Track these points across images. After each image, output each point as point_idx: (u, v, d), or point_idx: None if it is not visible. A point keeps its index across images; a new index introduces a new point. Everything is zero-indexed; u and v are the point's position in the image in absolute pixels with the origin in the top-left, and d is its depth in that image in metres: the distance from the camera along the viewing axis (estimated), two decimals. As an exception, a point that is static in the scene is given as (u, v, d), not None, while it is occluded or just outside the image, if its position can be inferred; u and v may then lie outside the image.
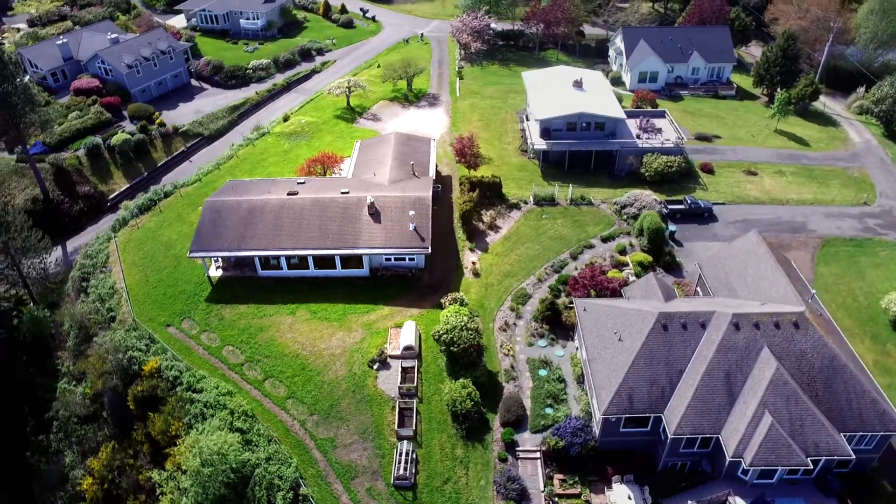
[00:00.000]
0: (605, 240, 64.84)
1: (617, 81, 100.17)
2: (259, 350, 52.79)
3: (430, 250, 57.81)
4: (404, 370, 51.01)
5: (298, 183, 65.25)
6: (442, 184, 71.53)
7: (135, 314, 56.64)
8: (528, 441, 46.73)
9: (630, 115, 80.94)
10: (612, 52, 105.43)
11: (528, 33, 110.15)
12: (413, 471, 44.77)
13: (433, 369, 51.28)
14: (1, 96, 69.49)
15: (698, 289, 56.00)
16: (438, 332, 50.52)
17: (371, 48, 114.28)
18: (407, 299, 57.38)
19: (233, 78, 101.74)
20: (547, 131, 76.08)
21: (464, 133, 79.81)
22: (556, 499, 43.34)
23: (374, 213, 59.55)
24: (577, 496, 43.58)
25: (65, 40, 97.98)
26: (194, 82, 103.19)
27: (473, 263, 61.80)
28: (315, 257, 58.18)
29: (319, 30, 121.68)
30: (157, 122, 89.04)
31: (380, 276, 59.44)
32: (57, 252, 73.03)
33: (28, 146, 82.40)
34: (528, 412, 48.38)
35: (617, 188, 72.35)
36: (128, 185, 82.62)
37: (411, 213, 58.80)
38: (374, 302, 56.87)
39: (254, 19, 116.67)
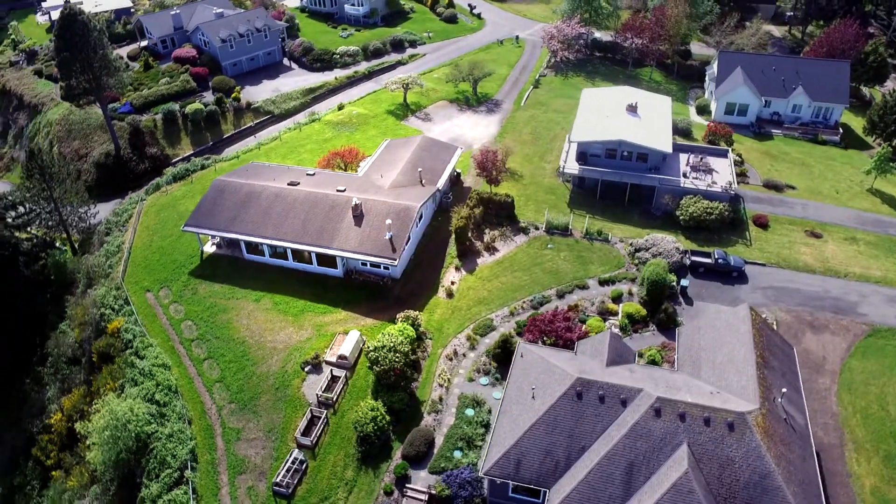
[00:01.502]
0: (603, 282, 59.63)
1: (703, 110, 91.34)
2: (212, 330, 54.69)
3: (397, 262, 56.46)
4: (332, 379, 50.49)
5: (308, 174, 66.35)
6: (461, 195, 69.39)
7: (125, 275, 60.95)
8: (422, 480, 44.48)
9: (684, 149, 73.54)
10: (707, 77, 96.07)
11: (625, 47, 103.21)
12: (296, 481, 44.39)
13: (361, 384, 50.29)
14: (84, 61, 77.02)
15: (677, 357, 50.03)
16: (369, 348, 49.41)
17: (464, 46, 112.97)
18: (368, 308, 56.60)
19: (318, 61, 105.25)
20: (584, 156, 71.11)
21: (508, 145, 76.82)
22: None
23: (358, 216, 59.14)
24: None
25: (178, 11, 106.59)
26: (286, 62, 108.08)
27: (452, 283, 59.57)
28: (293, 250, 59.02)
29: (422, 22, 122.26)
30: (233, 96, 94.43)
31: (353, 279, 59.13)
32: (112, 205, 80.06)
33: (119, 105, 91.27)
34: (435, 450, 46.05)
35: (644, 228, 66.13)
36: (191, 152, 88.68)
37: (388, 221, 57.67)
38: (334, 304, 56.71)
39: (358, 5, 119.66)
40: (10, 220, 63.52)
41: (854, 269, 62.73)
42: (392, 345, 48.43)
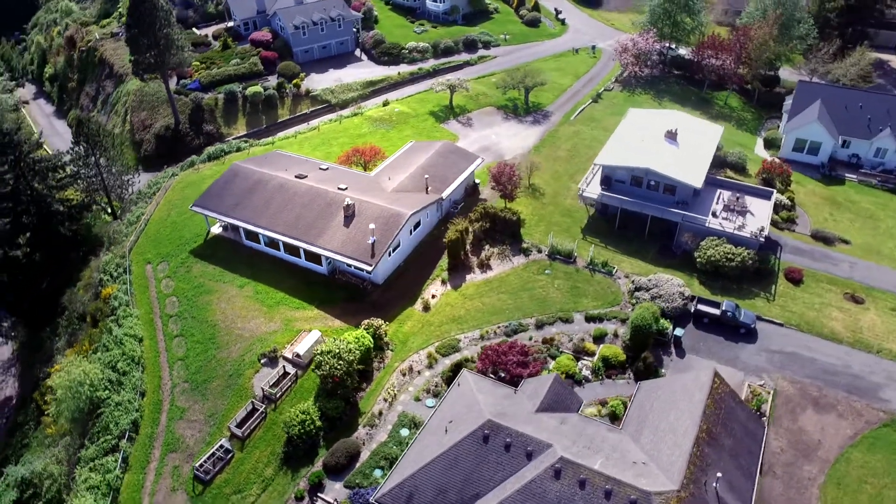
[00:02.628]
0: (590, 318, 56.06)
1: (771, 144, 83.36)
2: (191, 309, 56.84)
3: (372, 267, 55.92)
4: (283, 375, 51.01)
5: (321, 168, 67.25)
6: (473, 206, 67.59)
7: (134, 245, 64.56)
8: (335, 493, 43.99)
9: (723, 185, 67.51)
10: (784, 108, 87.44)
11: (703, 66, 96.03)
12: (217, 469, 45.31)
13: (309, 385, 50.45)
14: (150, 39, 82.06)
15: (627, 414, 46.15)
16: (317, 350, 49.38)
17: (538, 51, 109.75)
18: (342, 309, 56.60)
19: (386, 55, 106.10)
20: (608, 180, 67.04)
21: (536, 160, 74.13)
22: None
23: (349, 216, 59.14)
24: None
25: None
26: (357, 53, 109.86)
27: (432, 296, 58.30)
28: (284, 243, 60.00)
29: (503, 23, 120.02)
30: (294, 82, 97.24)
31: (336, 278, 59.34)
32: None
33: (189, 81, 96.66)
34: (357, 464, 45.35)
35: (658, 266, 61.48)
36: (244, 133, 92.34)
37: (371, 226, 57.20)
38: (310, 301, 57.19)
39: (439, 2, 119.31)
40: (53, 181, 69.15)
41: (892, 346, 55.13)
42: (338, 351, 48.10)
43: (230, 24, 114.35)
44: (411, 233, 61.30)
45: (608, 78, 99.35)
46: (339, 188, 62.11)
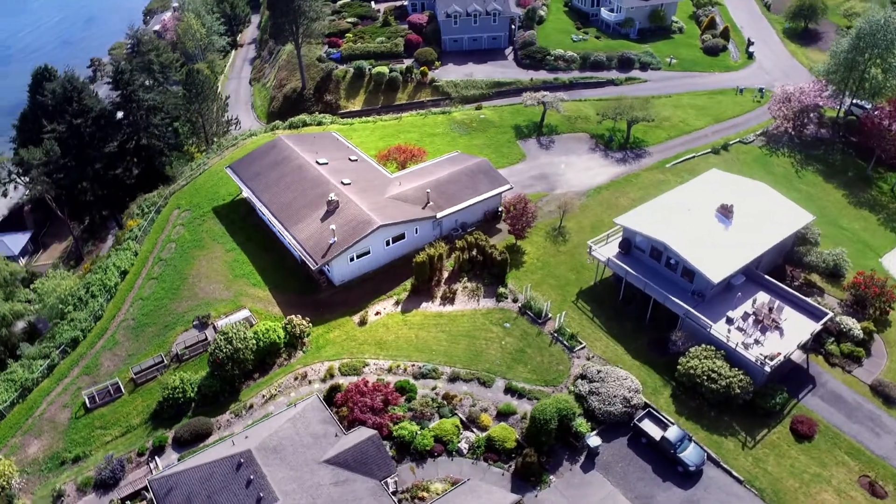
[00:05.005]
0: (510, 390, 50.12)
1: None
2: (179, 259, 62.49)
3: (315, 266, 56.12)
4: (199, 341, 54.16)
5: (351, 159, 68.31)
6: (487, 233, 63.49)
7: (180, 190, 72.09)
8: (169, 461, 45.99)
9: (771, 287, 54.28)
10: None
11: (881, 134, 76.18)
12: (102, 402, 50.29)
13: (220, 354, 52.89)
14: (287, 5, 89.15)
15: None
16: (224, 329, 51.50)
17: (695, 83, 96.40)
18: (289, 298, 58.11)
19: (529, 58, 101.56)
20: (627, 244, 58.03)
21: (576, 201, 66.81)
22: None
23: (330, 212, 59.60)
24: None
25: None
26: (507, 51, 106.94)
27: (376, 313, 56.76)
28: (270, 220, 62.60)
29: (680, 45, 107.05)
30: (422, 69, 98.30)
31: (302, 266, 60.53)
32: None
33: (333, 51, 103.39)
34: (202, 444, 46.85)
35: (637, 360, 52.47)
36: (359, 109, 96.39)
37: (332, 227, 56.96)
38: (266, 281, 59.45)
39: (615, 12, 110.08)
40: (157, 120, 79.95)
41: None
42: (230, 335, 49.78)
43: (404, 2, 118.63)
44: (388, 244, 59.87)
45: (756, 129, 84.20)
46: (342, 182, 62.72)
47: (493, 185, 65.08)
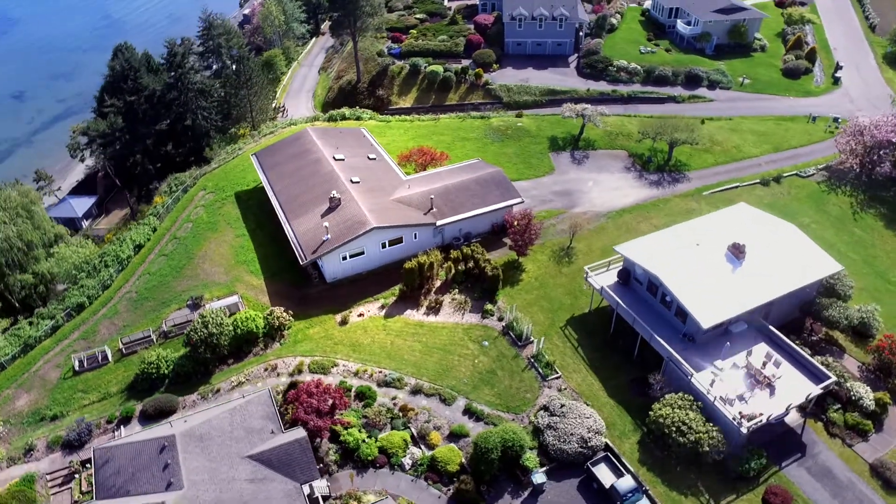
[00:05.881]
0: (469, 411, 48.69)
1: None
2: (191, 238, 65.01)
3: (303, 262, 56.76)
4: (187, 321, 56.09)
5: (370, 157, 68.51)
6: (489, 245, 62.04)
7: (210, 172, 74.94)
8: (132, 430, 48.19)
9: (777, 342, 49.46)
10: None
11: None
12: (88, 367, 53.23)
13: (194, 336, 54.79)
14: (346, 5, 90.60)
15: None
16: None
17: (764, 107, 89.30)
18: (280, 289, 59.32)
19: (590, 67, 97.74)
20: (626, 274, 54.78)
21: (588, 223, 63.93)
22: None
23: (331, 208, 60.06)
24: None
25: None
26: (572, 58, 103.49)
27: (359, 315, 56.76)
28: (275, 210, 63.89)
29: (758, 64, 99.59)
30: (477, 71, 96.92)
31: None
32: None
33: (394, 46, 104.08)
34: (164, 420, 48.54)
35: (614, 399, 49.68)
36: (409, 106, 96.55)
37: (325, 224, 57.31)
38: (264, 270, 60.79)
39: (691, 25, 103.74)
40: (205, 102, 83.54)
41: None
42: (210, 319, 51.36)
43: (476, 1, 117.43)
44: (384, 246, 59.61)
45: (820, 162, 77.04)
46: (351, 180, 63.05)
47: (503, 198, 63.31)
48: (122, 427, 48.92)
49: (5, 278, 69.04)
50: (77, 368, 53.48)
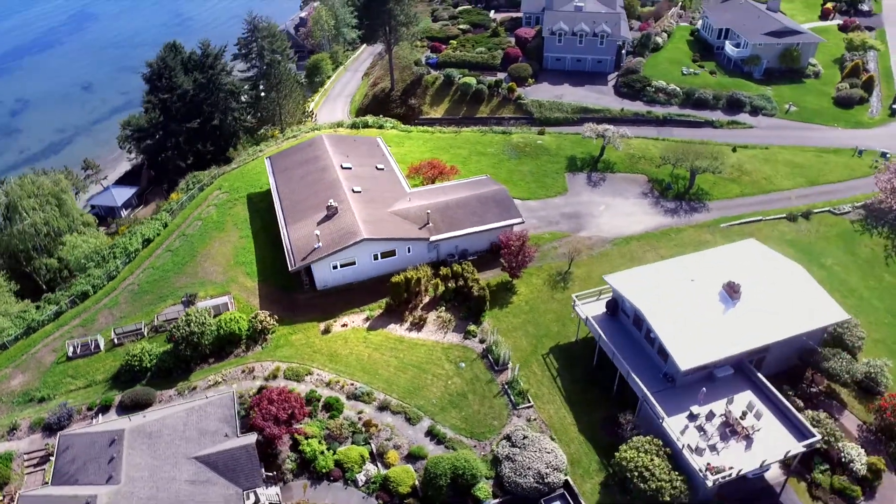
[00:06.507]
0: (433, 434, 47.87)
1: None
2: (198, 236, 66.80)
3: (292, 268, 57.29)
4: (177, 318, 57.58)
5: (377, 168, 68.68)
6: (484, 264, 61.08)
7: (227, 173, 76.81)
8: (106, 419, 49.85)
9: (764, 392, 46.35)
10: None
11: None
12: (80, 354, 55.44)
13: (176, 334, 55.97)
14: (380, 9, 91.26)
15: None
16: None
17: (808, 137, 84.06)
18: (271, 293, 60.15)
19: (627, 86, 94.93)
20: (614, 305, 52.68)
21: (589, 249, 61.98)
22: None
23: (328, 216, 60.44)
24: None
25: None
26: (611, 76, 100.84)
27: (343, 325, 56.85)
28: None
29: (809, 92, 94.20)
30: (510, 85, 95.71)
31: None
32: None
33: (432, 56, 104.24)
34: (141, 412, 50.08)
35: (584, 436, 47.91)
36: (439, 117, 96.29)
37: (316, 232, 57.67)
38: (263, 275, 61.79)
39: (740, 47, 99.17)
40: (235, 103, 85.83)
41: None
42: (193, 318, 52.58)
43: (520, 14, 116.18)
44: (377, 258, 59.50)
45: (858, 199, 72.08)
46: (353, 189, 63.35)
47: (502, 217, 62.15)
48: (100, 415, 50.63)
49: (32, 261, 73.06)
50: (70, 354, 55.72)
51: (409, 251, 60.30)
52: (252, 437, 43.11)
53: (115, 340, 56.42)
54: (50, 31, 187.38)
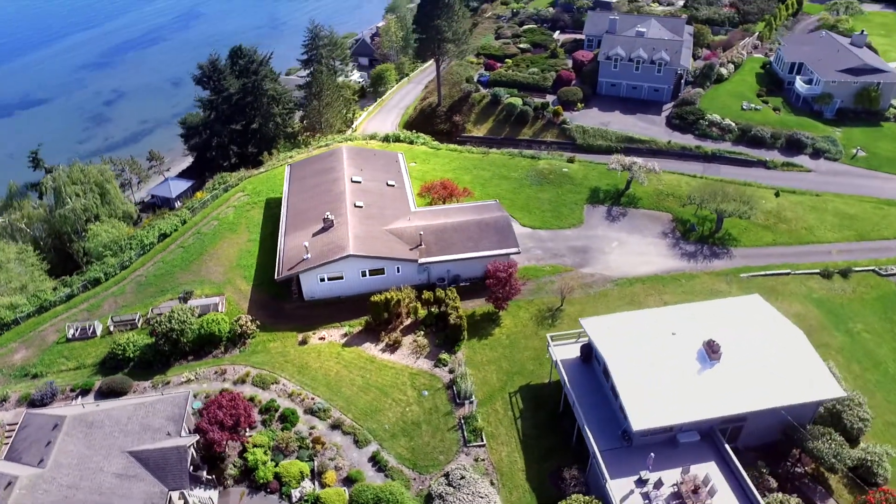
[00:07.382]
0: (376, 461, 46.93)
1: None
2: (212, 235, 69.12)
3: (276, 277, 58.03)
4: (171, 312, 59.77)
5: (388, 184, 68.68)
6: (474, 292, 59.66)
7: (252, 176, 79.13)
8: (85, 404, 52.44)
9: (727, 465, 42.28)
10: None
11: None
12: (77, 337, 58.69)
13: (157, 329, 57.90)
14: (432, 26, 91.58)
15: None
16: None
17: (872, 188, 75.85)
18: (261, 297, 61.42)
19: (679, 118, 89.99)
20: (588, 351, 49.83)
21: (608, 290, 59.37)
22: None
23: (323, 228, 61.00)
24: None
25: (617, 17, 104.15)
26: (667, 106, 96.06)
27: (321, 338, 57.13)
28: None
29: (885, 136, 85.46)
30: (556, 108, 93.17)
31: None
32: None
33: (485, 74, 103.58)
34: (115, 400, 52.41)
35: (531, 485, 45.64)
36: (481, 135, 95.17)
37: (305, 243, 58.22)
38: (258, 280, 63.10)
39: (811, 84, 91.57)
40: (276, 109, 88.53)
41: None
42: (175, 316, 54.52)
43: (581, 36, 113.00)
44: (365, 274, 59.38)
45: (906, 262, 64.83)
46: (355, 204, 63.64)
47: (498, 246, 60.40)
48: (80, 397, 53.38)
49: (72, 244, 78.39)
50: (69, 336, 59.11)
51: (398, 271, 59.84)
52: (191, 439, 43.91)
53: (111, 328, 59.35)
54: (158, 28, 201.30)
